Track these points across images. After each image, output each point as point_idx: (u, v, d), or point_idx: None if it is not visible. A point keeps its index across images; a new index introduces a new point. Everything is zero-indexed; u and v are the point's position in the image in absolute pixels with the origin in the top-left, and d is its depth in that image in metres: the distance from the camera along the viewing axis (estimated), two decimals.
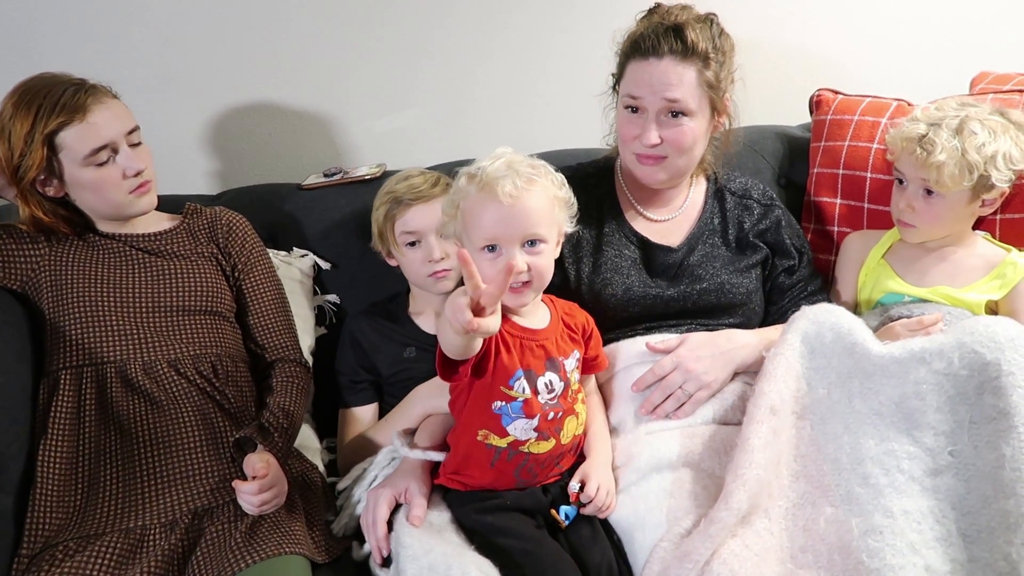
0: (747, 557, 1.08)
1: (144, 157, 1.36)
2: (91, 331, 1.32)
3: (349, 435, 1.51)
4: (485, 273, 1.18)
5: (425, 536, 1.17)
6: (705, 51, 1.37)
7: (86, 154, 1.29)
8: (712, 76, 1.38)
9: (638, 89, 1.38)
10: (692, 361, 1.33)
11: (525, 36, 1.95)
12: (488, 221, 1.17)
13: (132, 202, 1.36)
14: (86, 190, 1.33)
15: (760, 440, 1.18)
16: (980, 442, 1.12)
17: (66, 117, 1.28)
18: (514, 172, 1.17)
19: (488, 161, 1.21)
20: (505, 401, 1.19)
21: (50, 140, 1.28)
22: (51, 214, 1.34)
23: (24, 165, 1.29)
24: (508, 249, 1.17)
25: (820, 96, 1.85)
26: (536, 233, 1.18)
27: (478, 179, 1.19)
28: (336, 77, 1.89)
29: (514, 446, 1.21)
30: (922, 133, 1.42)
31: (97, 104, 1.30)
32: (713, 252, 1.50)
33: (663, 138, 1.39)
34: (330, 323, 1.68)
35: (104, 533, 1.20)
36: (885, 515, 1.10)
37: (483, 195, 1.17)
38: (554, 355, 1.23)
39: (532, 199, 1.17)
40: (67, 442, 1.26)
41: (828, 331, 1.26)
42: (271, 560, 1.14)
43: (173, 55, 1.80)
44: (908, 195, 1.48)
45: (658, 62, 1.36)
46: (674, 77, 1.36)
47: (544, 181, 1.21)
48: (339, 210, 1.70)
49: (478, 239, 1.19)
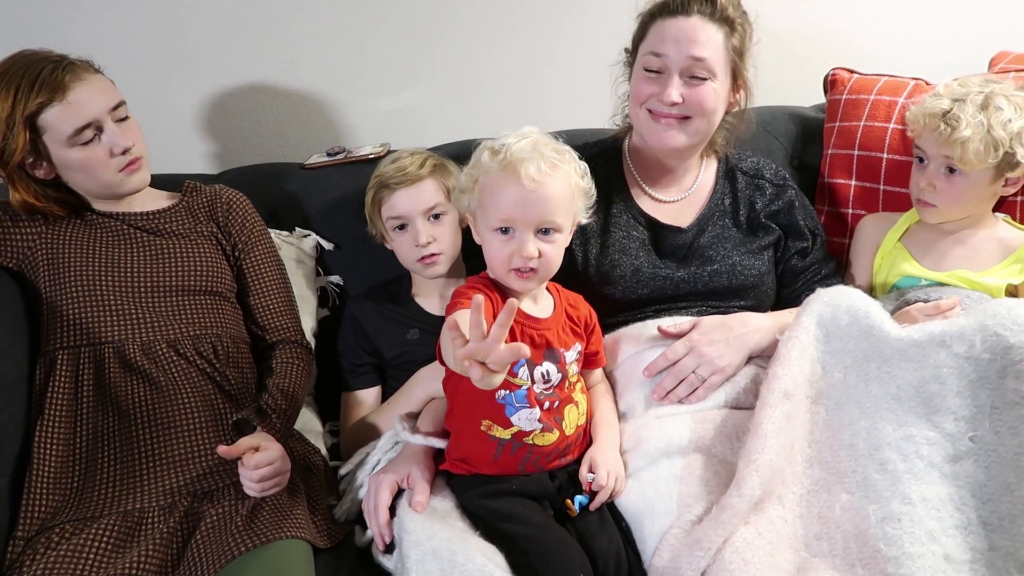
0: (760, 545, 1.06)
1: (131, 133, 1.33)
2: (89, 311, 1.29)
3: (352, 419, 1.50)
4: (495, 254, 1.18)
5: (428, 522, 1.15)
6: (732, 17, 1.35)
7: (69, 134, 1.26)
8: (738, 42, 1.36)
9: (663, 45, 1.35)
10: (705, 345, 1.30)
11: (532, 15, 1.92)
12: (507, 202, 1.15)
13: (123, 180, 1.33)
14: (75, 171, 1.30)
15: (773, 425, 1.15)
16: (1002, 428, 1.09)
17: (45, 97, 1.24)
18: (539, 155, 1.14)
19: (514, 139, 1.17)
20: (509, 390, 1.17)
21: (31, 122, 1.25)
22: (42, 198, 1.31)
23: (8, 149, 1.25)
24: (522, 233, 1.15)
25: (835, 75, 1.81)
26: (553, 221, 1.16)
27: (501, 157, 1.15)
28: (340, 55, 1.86)
29: (518, 437, 1.19)
30: (946, 108, 1.39)
31: (76, 81, 1.26)
32: (724, 233, 1.47)
33: (684, 97, 1.35)
34: (333, 304, 1.66)
35: (102, 515, 1.18)
36: (903, 502, 1.07)
37: (505, 174, 1.15)
38: (555, 346, 1.20)
39: (554, 185, 1.15)
40: (64, 423, 1.24)
41: (844, 314, 1.23)
42: (272, 544, 1.12)
43: (174, 32, 1.77)
44: (929, 173, 1.44)
45: (686, 19, 1.34)
46: (702, 35, 1.33)
47: (568, 168, 1.18)
48: (342, 190, 1.67)
49: (494, 219, 1.16)
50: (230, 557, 1.10)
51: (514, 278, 1.18)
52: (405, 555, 1.11)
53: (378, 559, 1.20)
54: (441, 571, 1.06)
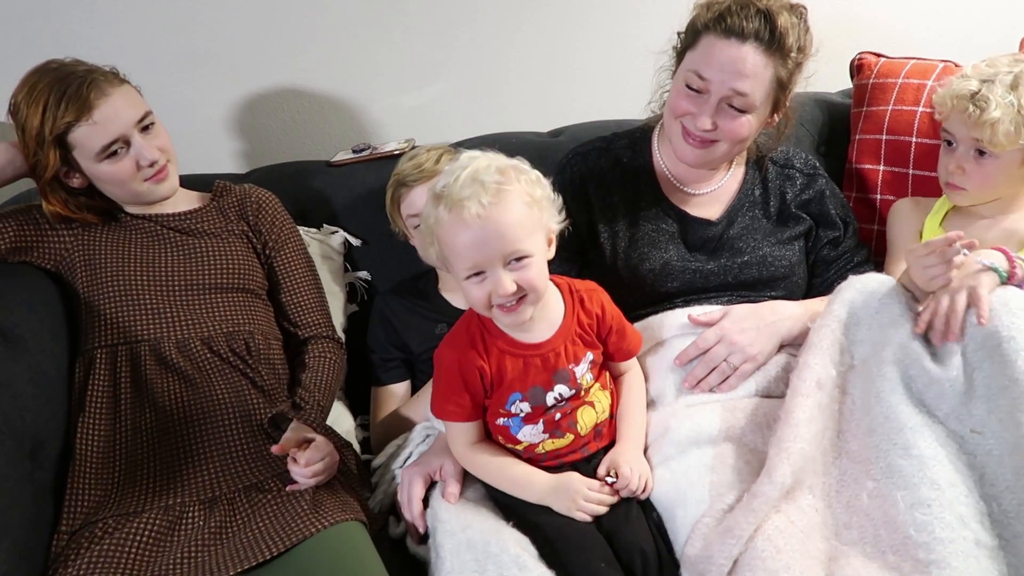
0: (792, 533, 1.05)
1: (158, 141, 1.35)
2: (125, 310, 1.32)
3: (382, 412, 1.51)
4: (475, 299, 1.11)
5: (462, 512, 1.16)
6: (789, 47, 1.28)
7: (97, 151, 1.29)
8: (786, 75, 1.30)
9: (708, 70, 1.28)
10: (736, 333, 1.29)
11: (553, 8, 1.91)
12: (463, 248, 1.07)
13: (151, 190, 1.36)
14: (105, 183, 1.34)
15: (805, 414, 1.15)
16: (1001, 414, 1.08)
17: (72, 117, 1.26)
18: (479, 186, 1.06)
19: (451, 176, 1.08)
20: (506, 417, 1.19)
21: (61, 139, 1.28)
22: (75, 208, 1.35)
23: (40, 165, 1.29)
24: (492, 272, 1.08)
25: (862, 59, 1.79)
26: (517, 249, 1.08)
27: (445, 200, 1.07)
28: (363, 52, 1.87)
29: (529, 449, 1.20)
30: (974, 89, 1.36)
31: (102, 98, 1.28)
32: (754, 224, 1.46)
33: (718, 125, 1.31)
34: (361, 300, 1.67)
35: (143, 511, 1.20)
36: (932, 487, 1.06)
37: (452, 219, 1.07)
38: (562, 366, 1.18)
39: (504, 214, 1.06)
40: (104, 420, 1.27)
41: (875, 300, 1.22)
42: (339, 525, 1.15)
43: (200, 34, 1.79)
44: (958, 156, 1.41)
45: (740, 46, 1.26)
46: (751, 67, 1.26)
47: (515, 187, 1.08)
48: (368, 186, 1.68)
49: (460, 268, 1.10)
50: (301, 537, 1.12)
51: (501, 315, 1.12)
52: (439, 544, 1.12)
53: (413, 550, 1.22)
54: (475, 561, 1.07)
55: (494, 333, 1.17)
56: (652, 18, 1.45)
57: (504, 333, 1.17)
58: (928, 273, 1.19)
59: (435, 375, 1.21)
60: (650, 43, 1.43)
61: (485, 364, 1.16)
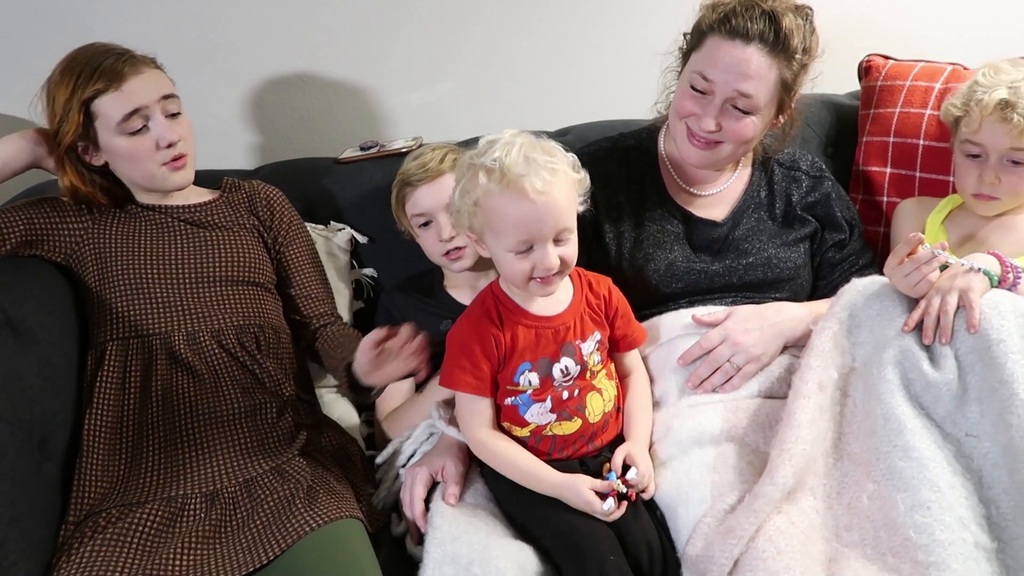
0: (793, 535, 1.06)
1: (181, 129, 1.36)
2: (136, 303, 1.33)
3: (387, 409, 1.51)
4: (514, 270, 1.15)
5: (457, 520, 1.16)
6: (794, 48, 1.28)
7: (118, 120, 1.31)
8: (791, 77, 1.31)
9: (713, 71, 1.29)
10: (740, 334, 1.29)
11: (563, 6, 1.91)
12: (520, 221, 1.11)
13: (165, 175, 1.36)
14: (121, 159, 1.35)
15: (807, 416, 1.15)
16: (993, 416, 1.09)
17: (103, 85, 1.29)
18: (536, 165, 1.09)
19: (501, 151, 1.11)
20: (515, 395, 1.19)
21: (86, 107, 1.30)
22: (89, 183, 1.36)
23: (61, 131, 1.31)
24: (541, 247, 1.12)
25: (870, 62, 1.79)
26: (567, 227, 1.14)
27: (498, 175, 1.10)
28: (372, 49, 1.88)
29: (537, 432, 1.20)
30: (1004, 98, 1.34)
31: (135, 73, 1.32)
32: (759, 226, 1.46)
33: (722, 126, 1.32)
34: (367, 297, 1.68)
35: (146, 501, 1.21)
36: (932, 489, 1.06)
37: (509, 194, 1.10)
38: (569, 339, 1.20)
39: (559, 192, 1.11)
40: (112, 412, 1.28)
41: (876, 302, 1.23)
42: (334, 523, 1.15)
43: (207, 28, 1.79)
44: (992, 167, 1.39)
45: (744, 47, 1.27)
46: (755, 69, 1.27)
47: (564, 167, 1.14)
48: (375, 183, 1.68)
49: (510, 241, 1.13)
50: (296, 537, 1.13)
51: (536, 286, 1.16)
52: (426, 551, 1.12)
53: (411, 550, 1.22)
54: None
55: (509, 307, 1.20)
56: (660, 18, 1.45)
57: (519, 307, 1.20)
58: (909, 281, 1.19)
59: (448, 351, 1.21)
60: (658, 44, 1.44)
61: (500, 333, 1.18)
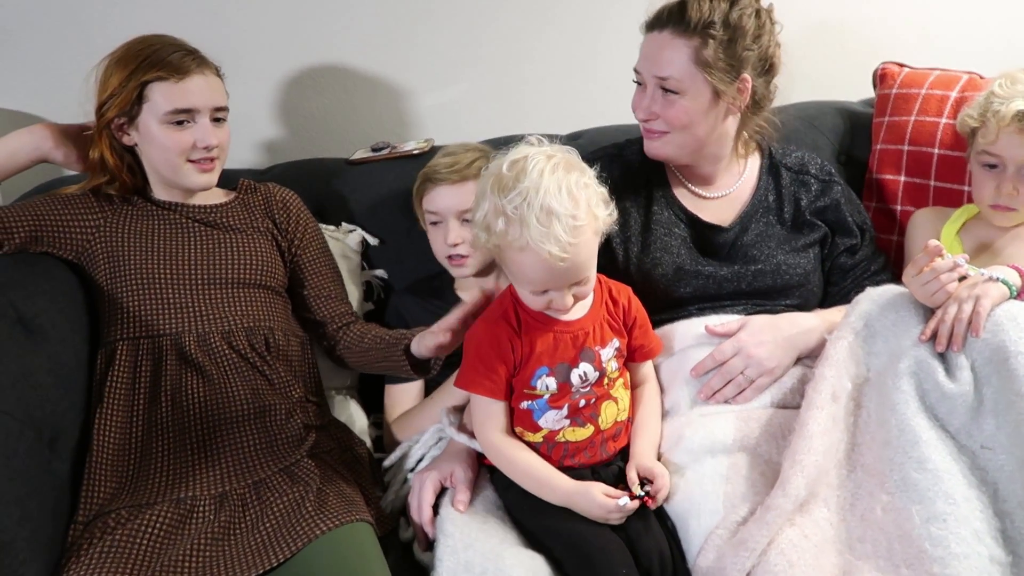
0: (806, 548, 1.05)
1: (221, 135, 1.38)
2: (147, 302, 1.33)
3: (395, 412, 1.51)
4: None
5: (468, 527, 1.15)
6: (704, 26, 1.30)
7: (167, 111, 1.32)
8: (710, 55, 1.31)
9: (640, 62, 1.38)
10: (754, 346, 1.28)
11: (576, 9, 1.91)
12: (534, 274, 1.11)
13: (189, 173, 1.37)
14: (154, 146, 1.35)
15: (819, 426, 1.14)
16: (1009, 429, 1.08)
17: (165, 73, 1.31)
18: (557, 226, 1.05)
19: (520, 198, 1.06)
20: (531, 400, 1.18)
21: (142, 88, 1.32)
22: (119, 157, 1.37)
23: (111, 103, 1.32)
24: (557, 291, 1.13)
25: (885, 69, 1.78)
26: (586, 278, 1.14)
27: (517, 229, 1.07)
28: (385, 51, 1.87)
29: (549, 438, 1.20)
30: (1021, 109, 1.34)
31: (199, 73, 1.34)
32: (768, 231, 1.45)
33: (657, 113, 1.36)
34: (378, 299, 1.68)
35: (155, 502, 1.21)
36: (947, 501, 1.05)
37: (528, 254, 1.08)
38: (589, 345, 1.20)
39: (580, 253, 1.09)
40: (121, 412, 1.28)
41: (891, 312, 1.22)
42: (344, 527, 1.15)
43: (219, 29, 1.79)
44: (1009, 178, 1.39)
45: (658, 35, 1.34)
46: (666, 53, 1.33)
47: (587, 218, 1.09)
48: (387, 185, 1.68)
49: (524, 284, 1.15)
50: (307, 540, 1.12)
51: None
52: (439, 559, 1.12)
53: (418, 556, 1.21)
54: None
55: (528, 311, 1.20)
56: None
57: (539, 312, 1.19)
58: (927, 290, 1.19)
59: (465, 352, 1.21)
60: None
61: (517, 337, 1.18)
